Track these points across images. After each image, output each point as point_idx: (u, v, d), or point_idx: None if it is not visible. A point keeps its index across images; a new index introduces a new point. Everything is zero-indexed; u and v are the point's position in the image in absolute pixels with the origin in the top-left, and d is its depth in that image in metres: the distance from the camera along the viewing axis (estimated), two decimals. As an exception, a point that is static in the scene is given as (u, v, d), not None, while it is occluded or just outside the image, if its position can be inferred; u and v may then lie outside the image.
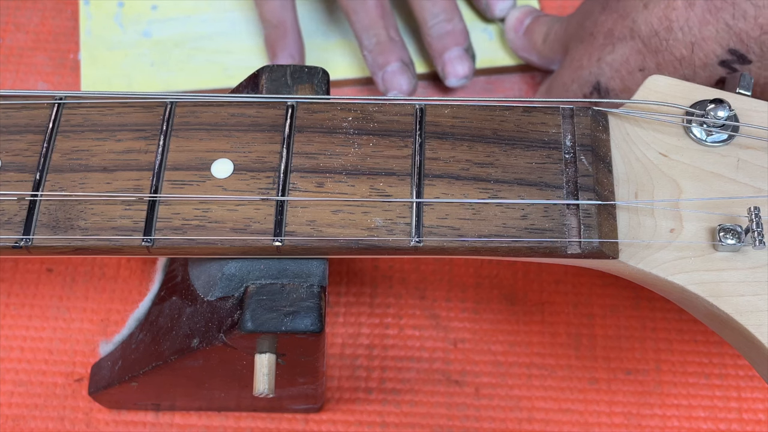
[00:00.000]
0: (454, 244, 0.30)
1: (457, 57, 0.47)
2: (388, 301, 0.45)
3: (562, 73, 0.43)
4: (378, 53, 0.46)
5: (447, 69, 0.47)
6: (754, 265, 0.30)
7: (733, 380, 0.43)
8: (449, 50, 0.47)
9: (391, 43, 0.46)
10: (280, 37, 0.47)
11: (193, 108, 0.32)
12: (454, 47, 0.47)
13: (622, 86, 0.39)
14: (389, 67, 0.46)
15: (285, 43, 0.47)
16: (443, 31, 0.46)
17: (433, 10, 0.46)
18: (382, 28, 0.46)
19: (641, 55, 0.38)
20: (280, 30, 0.47)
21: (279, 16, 0.47)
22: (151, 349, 0.35)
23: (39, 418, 0.42)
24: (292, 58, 0.47)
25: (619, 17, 0.39)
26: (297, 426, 0.42)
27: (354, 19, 0.46)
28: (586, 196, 0.30)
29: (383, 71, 0.46)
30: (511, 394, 0.43)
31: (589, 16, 0.42)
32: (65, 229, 0.30)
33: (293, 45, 0.47)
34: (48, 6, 0.53)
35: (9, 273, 0.45)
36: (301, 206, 0.30)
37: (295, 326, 0.30)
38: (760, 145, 0.32)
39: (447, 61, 0.47)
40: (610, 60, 0.40)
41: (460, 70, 0.47)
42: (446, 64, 0.47)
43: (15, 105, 0.32)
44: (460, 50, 0.47)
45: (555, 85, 0.44)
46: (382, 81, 0.46)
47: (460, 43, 0.47)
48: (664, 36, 0.37)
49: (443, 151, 0.31)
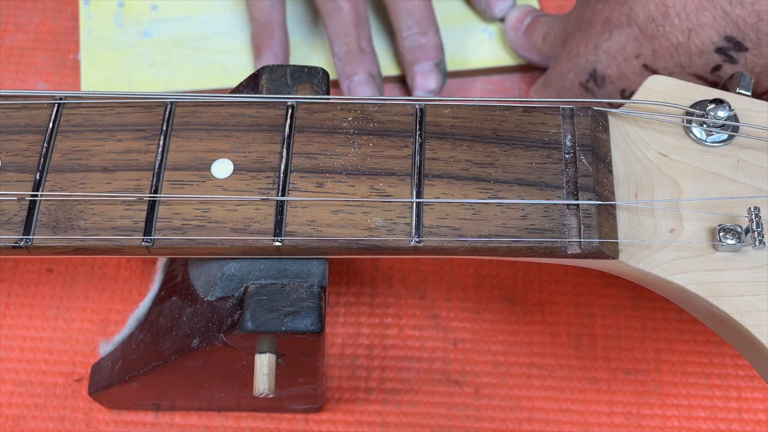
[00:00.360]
0: (454, 244, 0.30)
1: (426, 71, 0.47)
2: (388, 301, 0.45)
3: (560, 63, 0.43)
4: (347, 62, 0.47)
5: (415, 81, 0.48)
6: (754, 265, 0.30)
7: (733, 380, 0.43)
8: (419, 63, 0.47)
9: (360, 54, 0.47)
10: (267, 36, 0.47)
11: (193, 108, 0.32)
12: (424, 61, 0.47)
13: (619, 73, 0.40)
14: (356, 78, 0.47)
15: (271, 42, 0.47)
16: (416, 44, 0.47)
17: (408, 22, 0.47)
18: (353, 37, 0.47)
19: (638, 41, 0.38)
20: (267, 29, 0.47)
21: (267, 15, 0.47)
22: (151, 349, 0.35)
23: (39, 418, 0.42)
24: (276, 57, 0.47)
25: (616, 4, 0.39)
26: (297, 426, 0.42)
27: (328, 24, 0.47)
28: (586, 196, 0.30)
29: (350, 80, 0.47)
30: (511, 394, 0.43)
31: (587, 6, 0.42)
32: (65, 229, 0.30)
33: (278, 45, 0.47)
34: (48, 6, 0.53)
35: (9, 273, 0.45)
36: (301, 206, 0.30)
37: (295, 326, 0.30)
38: (760, 145, 0.32)
39: (416, 73, 0.48)
40: (606, 47, 0.40)
41: (427, 85, 0.48)
42: (415, 76, 0.48)
43: (15, 105, 0.32)
44: (431, 65, 0.47)
45: (552, 75, 0.44)
46: (348, 90, 0.47)
47: (431, 57, 0.47)
48: (661, 22, 0.37)
49: (443, 151, 0.31)
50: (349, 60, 0.47)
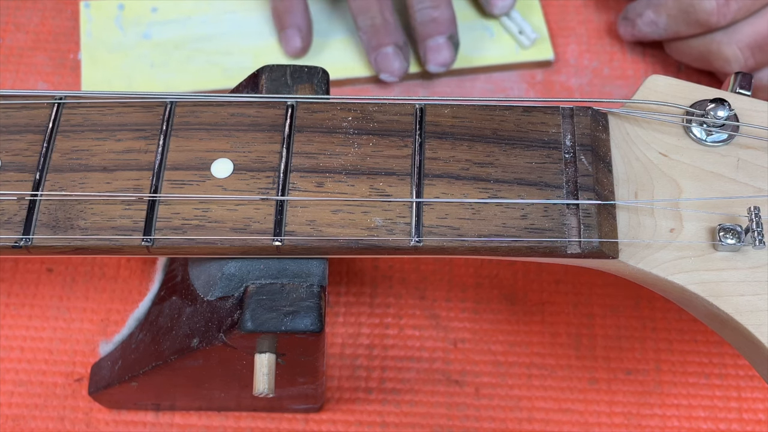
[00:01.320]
0: (454, 243, 0.30)
1: (439, 45, 0.47)
2: (388, 301, 0.45)
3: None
4: (372, 35, 0.47)
5: (428, 56, 0.48)
6: (754, 265, 0.30)
7: (733, 380, 0.43)
8: (432, 38, 0.47)
9: (385, 26, 0.47)
10: (287, 10, 0.48)
11: (193, 108, 0.32)
12: (437, 35, 0.47)
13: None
14: (383, 50, 0.47)
15: (291, 15, 0.48)
16: (428, 18, 0.47)
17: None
18: (377, 9, 0.47)
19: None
20: (287, 3, 0.48)
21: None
22: (151, 349, 0.35)
23: (39, 418, 0.42)
24: (299, 30, 0.48)
25: None
26: (297, 426, 0.42)
27: (351, 2, 0.47)
28: (586, 196, 0.30)
29: (377, 53, 0.47)
30: (511, 394, 0.43)
31: None
32: (65, 228, 0.30)
33: (299, 16, 0.48)
34: (48, 6, 0.53)
35: (9, 273, 0.45)
36: (300, 206, 0.30)
37: (295, 326, 0.30)
38: (760, 145, 0.32)
39: (429, 48, 0.47)
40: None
41: (440, 58, 0.47)
42: (428, 50, 0.48)
43: (15, 105, 0.32)
44: (443, 38, 0.47)
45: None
46: (375, 62, 0.48)
47: (444, 31, 0.47)
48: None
49: (443, 151, 0.31)
50: (374, 33, 0.47)
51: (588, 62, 0.51)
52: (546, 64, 0.51)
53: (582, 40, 0.52)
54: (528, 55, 0.50)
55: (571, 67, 0.51)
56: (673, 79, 0.33)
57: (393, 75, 0.48)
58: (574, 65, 0.51)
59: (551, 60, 0.50)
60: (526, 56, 0.50)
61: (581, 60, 0.51)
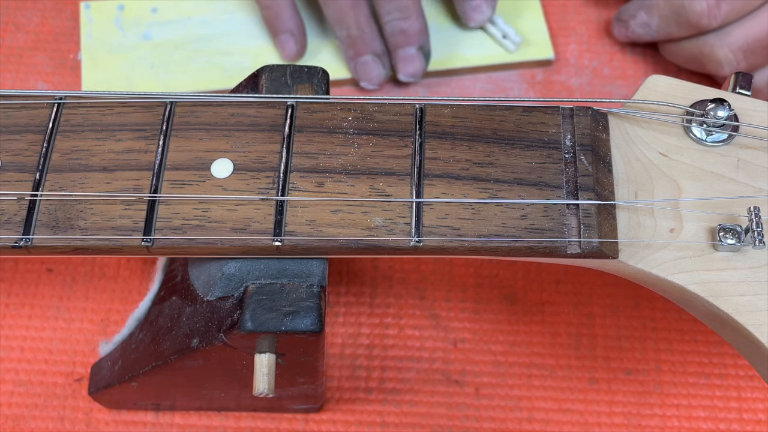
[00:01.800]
0: (454, 243, 0.30)
1: (409, 56, 0.48)
2: (388, 301, 0.45)
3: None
4: (349, 45, 0.47)
5: (399, 66, 0.48)
6: (754, 265, 0.30)
7: (733, 380, 0.43)
8: (402, 48, 0.48)
9: (361, 36, 0.47)
10: (276, 16, 0.48)
11: (193, 108, 0.32)
12: (406, 46, 0.47)
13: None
14: (360, 59, 0.48)
15: (281, 21, 0.48)
16: (397, 29, 0.47)
17: (388, 7, 0.47)
18: (352, 19, 0.47)
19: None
20: (274, 9, 0.48)
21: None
22: (151, 349, 0.35)
23: (39, 418, 0.42)
24: (291, 34, 0.48)
25: None
26: (297, 426, 0.42)
27: (326, 11, 0.47)
28: (586, 196, 0.30)
29: (355, 62, 0.48)
30: (511, 394, 0.43)
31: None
32: (65, 228, 0.30)
33: (290, 21, 0.48)
34: (48, 6, 0.53)
35: (9, 273, 0.45)
36: (300, 206, 0.30)
37: (295, 326, 0.30)
38: (760, 145, 0.32)
39: (399, 58, 0.48)
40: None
41: (410, 69, 0.48)
42: (398, 60, 0.48)
43: (15, 105, 0.32)
44: (413, 49, 0.47)
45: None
46: (355, 71, 0.48)
47: (414, 42, 0.47)
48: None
49: (443, 151, 0.31)
50: (351, 43, 0.47)
51: (588, 62, 0.51)
52: (546, 64, 0.51)
53: (582, 40, 0.52)
54: (528, 54, 0.50)
55: (571, 66, 0.51)
56: (673, 79, 0.33)
57: (372, 83, 0.48)
58: (575, 65, 0.51)
59: (551, 59, 0.50)
60: (527, 56, 0.50)
61: (581, 60, 0.51)
